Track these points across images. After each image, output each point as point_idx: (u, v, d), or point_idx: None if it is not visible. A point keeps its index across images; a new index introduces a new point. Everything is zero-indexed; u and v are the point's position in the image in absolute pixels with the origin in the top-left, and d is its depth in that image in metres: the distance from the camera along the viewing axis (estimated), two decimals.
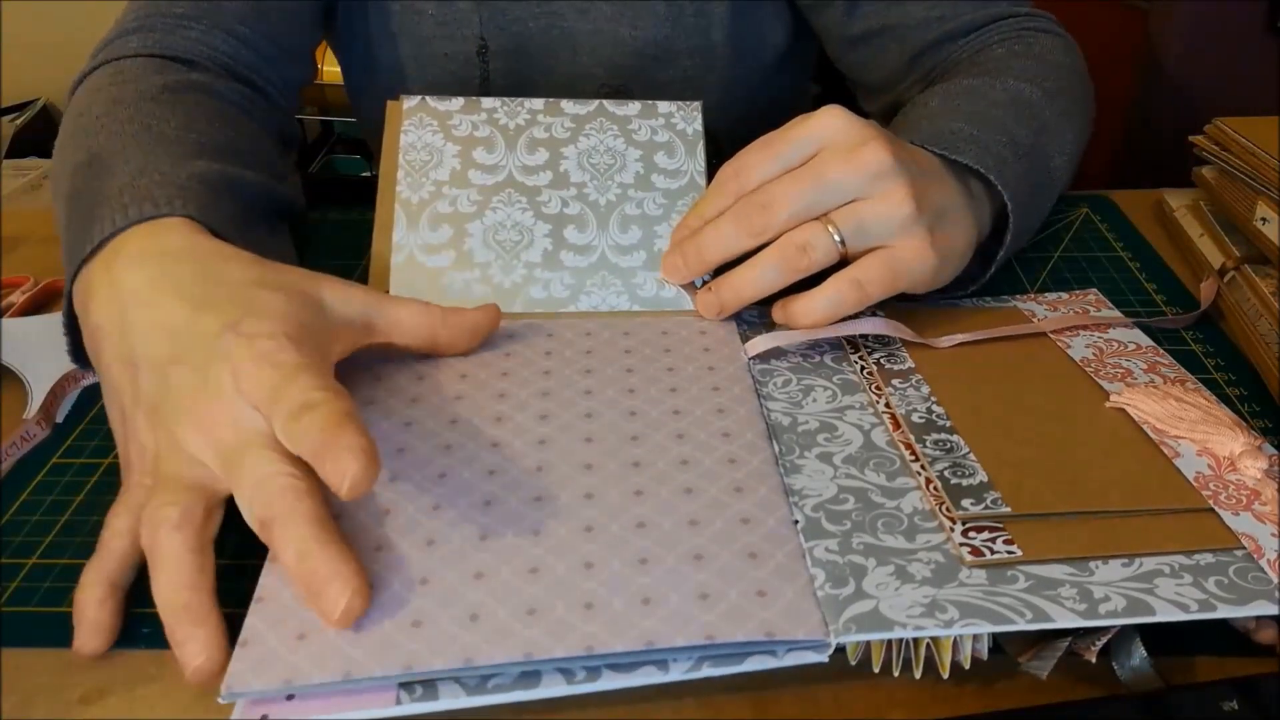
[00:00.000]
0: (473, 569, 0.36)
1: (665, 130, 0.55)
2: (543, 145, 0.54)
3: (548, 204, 0.52)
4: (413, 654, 0.32)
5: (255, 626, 0.34)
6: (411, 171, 0.52)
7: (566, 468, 0.40)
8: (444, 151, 0.53)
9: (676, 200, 0.52)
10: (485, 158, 0.53)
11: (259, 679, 0.32)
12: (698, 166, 0.54)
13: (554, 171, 0.53)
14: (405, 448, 0.41)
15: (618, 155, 0.54)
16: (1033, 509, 0.38)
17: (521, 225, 0.51)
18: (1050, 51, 0.62)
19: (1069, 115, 0.58)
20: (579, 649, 0.33)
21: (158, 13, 0.59)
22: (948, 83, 0.59)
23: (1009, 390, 0.45)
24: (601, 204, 0.52)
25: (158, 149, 0.47)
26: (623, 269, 0.51)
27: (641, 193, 0.53)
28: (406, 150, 0.53)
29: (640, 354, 0.47)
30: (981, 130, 0.52)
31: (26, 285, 0.57)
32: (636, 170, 0.53)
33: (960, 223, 0.48)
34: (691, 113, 0.55)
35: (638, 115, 0.55)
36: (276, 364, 0.36)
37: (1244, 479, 0.39)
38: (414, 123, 0.54)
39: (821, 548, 0.36)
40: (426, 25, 0.70)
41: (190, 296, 0.39)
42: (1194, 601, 0.34)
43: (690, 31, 0.71)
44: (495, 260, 0.50)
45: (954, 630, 0.33)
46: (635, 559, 0.36)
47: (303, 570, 0.33)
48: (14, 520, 0.42)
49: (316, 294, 0.41)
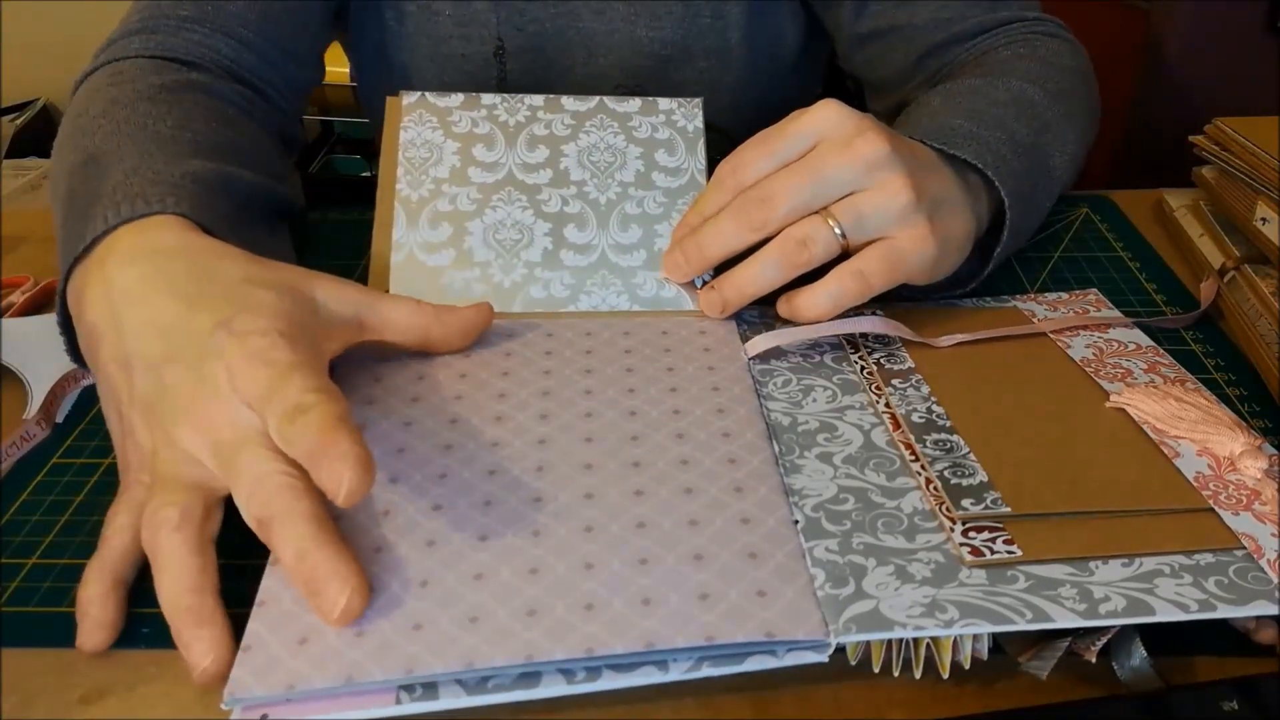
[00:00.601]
0: (472, 570, 0.35)
1: (666, 127, 0.54)
2: (543, 142, 0.53)
3: (548, 202, 0.52)
4: (413, 657, 0.32)
5: (257, 631, 0.34)
6: (411, 169, 0.52)
7: (566, 468, 0.40)
8: (444, 148, 0.53)
9: (677, 199, 0.52)
10: (485, 155, 0.53)
11: (261, 684, 0.32)
12: (698, 164, 0.54)
13: (554, 169, 0.53)
14: (405, 448, 0.41)
15: (618, 153, 0.53)
16: (1033, 509, 0.38)
17: (521, 224, 0.51)
18: (1056, 55, 0.62)
19: (1072, 117, 0.58)
20: (579, 650, 0.32)
21: (161, 14, 0.59)
22: (951, 82, 0.59)
23: (1009, 390, 0.45)
24: (602, 202, 0.52)
25: (152, 148, 0.47)
26: (623, 268, 0.51)
27: (642, 191, 0.52)
28: (406, 147, 0.53)
29: (640, 354, 0.47)
30: (981, 127, 0.52)
31: (26, 285, 0.57)
32: (637, 168, 0.53)
33: (958, 214, 0.48)
34: (692, 109, 0.55)
35: (638, 112, 0.55)
36: (270, 362, 0.36)
37: (1244, 479, 0.39)
38: (413, 119, 0.54)
39: (821, 547, 0.36)
40: (443, 25, 0.70)
41: (183, 294, 0.39)
42: (1194, 602, 0.34)
43: (706, 32, 0.71)
44: (495, 259, 0.50)
45: (954, 630, 0.33)
46: (635, 559, 0.36)
47: (302, 569, 0.33)
48: (14, 520, 0.42)
49: (310, 291, 0.41)
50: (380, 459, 0.40)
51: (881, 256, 0.45)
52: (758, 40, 0.73)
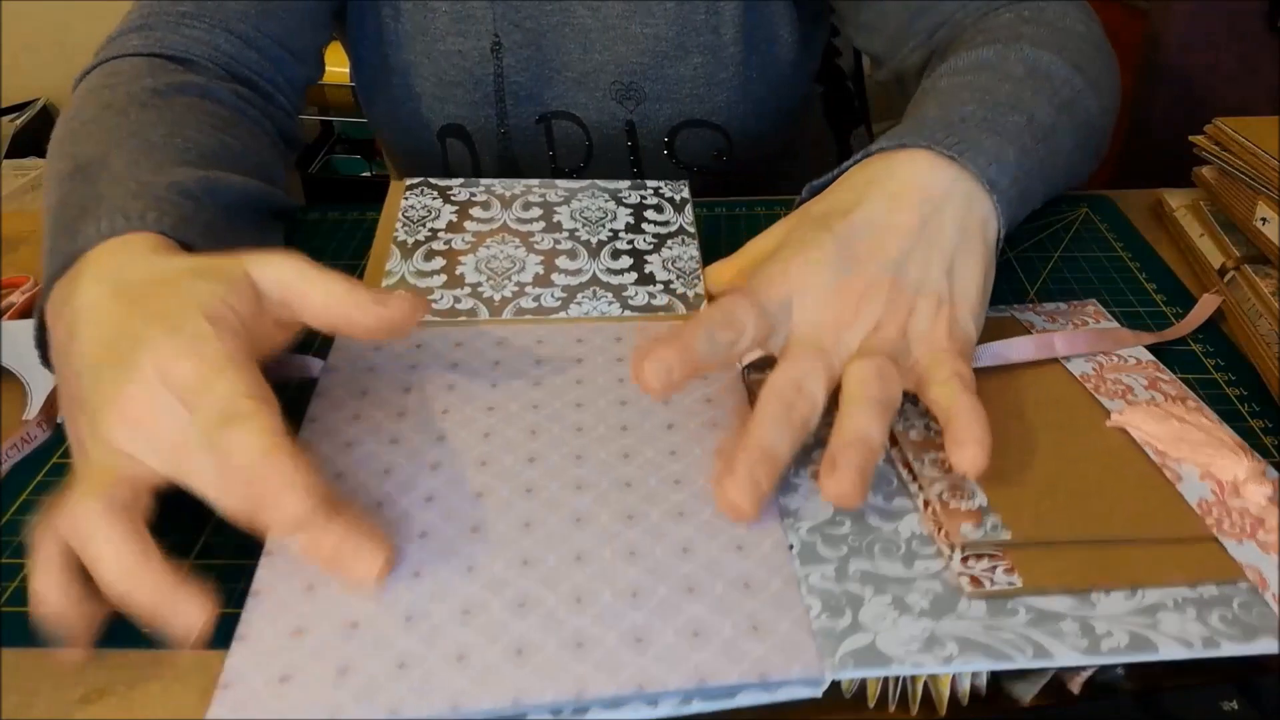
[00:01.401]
0: (460, 604, 0.35)
1: (654, 196, 0.58)
2: (537, 206, 0.57)
3: (540, 243, 0.54)
4: (399, 699, 0.32)
5: (237, 668, 0.33)
6: (409, 222, 0.55)
7: (556, 488, 0.39)
8: (442, 210, 0.56)
9: (667, 240, 0.54)
10: (481, 214, 0.56)
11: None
12: (686, 220, 0.56)
13: (547, 221, 0.55)
14: (391, 468, 0.40)
15: (608, 212, 0.57)
16: (1034, 535, 0.37)
17: (514, 257, 0.53)
18: (1062, 17, 0.59)
19: (1095, 90, 0.56)
20: (569, 693, 0.32)
21: (160, 11, 0.59)
22: (957, 57, 0.56)
23: (1008, 407, 0.44)
24: (593, 242, 0.54)
25: (140, 157, 0.47)
26: (614, 285, 0.51)
27: (632, 234, 0.55)
28: (405, 209, 0.56)
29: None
30: (995, 112, 0.49)
31: (26, 285, 0.57)
32: (627, 221, 0.56)
33: (972, 255, 0.45)
34: (679, 185, 0.59)
35: (628, 187, 0.59)
36: (201, 356, 0.35)
37: (1248, 505, 0.38)
38: (414, 193, 0.57)
39: (817, 574, 0.36)
40: (440, 22, 0.70)
41: (131, 299, 0.38)
42: (1198, 639, 0.33)
43: (701, 28, 0.71)
44: (486, 281, 0.51)
45: (953, 667, 0.32)
46: (627, 591, 0.35)
47: (321, 547, 0.34)
48: (14, 520, 0.42)
49: (253, 277, 0.39)
50: (365, 482, 0.40)
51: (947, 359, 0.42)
52: (753, 36, 0.73)
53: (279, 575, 0.36)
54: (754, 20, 0.72)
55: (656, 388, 0.38)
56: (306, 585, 0.35)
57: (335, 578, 0.35)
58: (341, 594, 0.35)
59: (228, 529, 0.36)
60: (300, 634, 0.34)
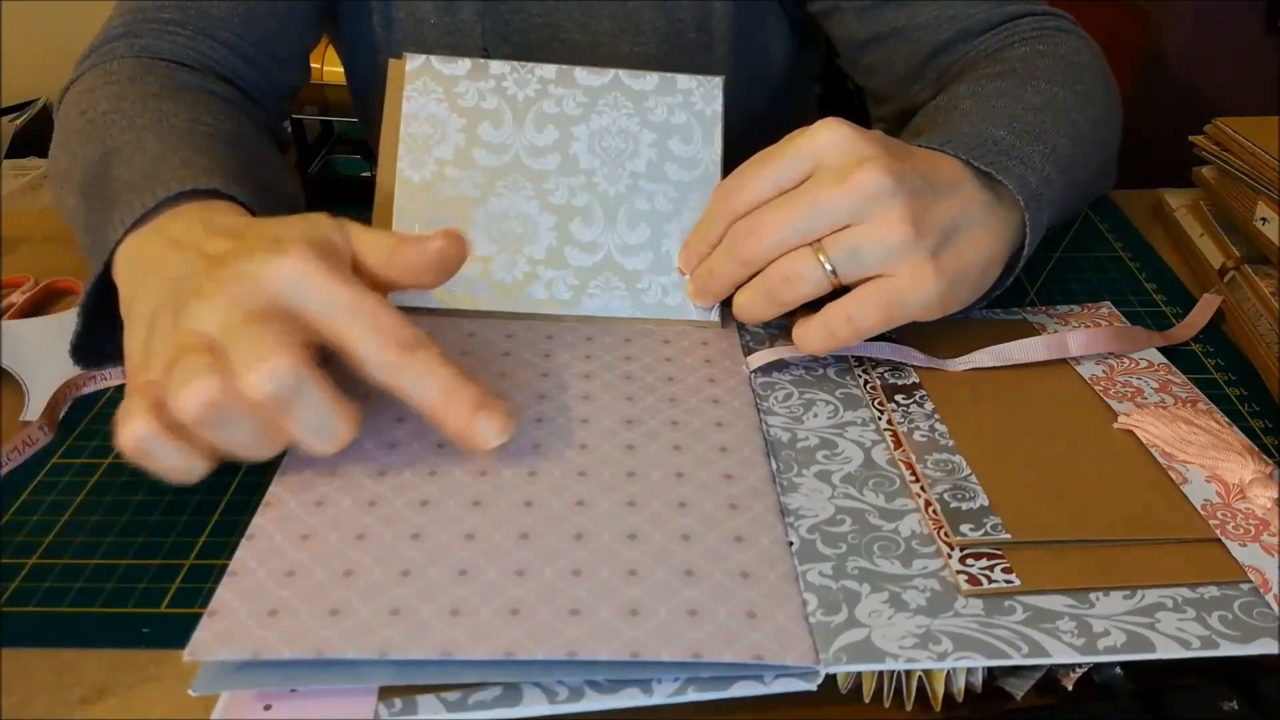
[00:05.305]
0: (457, 566, 0.35)
1: (683, 110, 0.52)
2: (552, 122, 0.51)
3: (554, 192, 0.50)
4: (389, 640, 0.32)
5: (226, 599, 0.33)
6: (413, 147, 0.51)
7: (559, 473, 0.40)
8: (448, 125, 0.51)
9: (690, 193, 0.51)
10: (491, 135, 0.51)
11: (224, 648, 0.32)
12: (714, 155, 0.51)
13: (562, 154, 0.51)
14: (397, 443, 0.41)
15: (630, 138, 0.51)
16: (1033, 535, 0.37)
17: (526, 215, 0.50)
18: (1075, 53, 0.59)
19: (1103, 121, 0.57)
20: (562, 652, 0.32)
21: (143, 18, 0.59)
22: (976, 81, 0.56)
23: (1015, 408, 0.44)
24: (611, 195, 0.51)
25: (173, 138, 0.48)
26: (628, 271, 0.50)
27: (653, 184, 0.51)
28: (408, 121, 0.51)
29: (641, 362, 0.47)
30: (1023, 140, 0.49)
31: (26, 285, 0.57)
32: (650, 157, 0.51)
33: (979, 239, 0.45)
34: (712, 89, 0.52)
35: (654, 91, 0.52)
36: (334, 272, 0.37)
37: (1253, 508, 0.38)
38: (417, 88, 0.51)
39: (815, 571, 0.36)
40: (430, 34, 0.70)
41: (233, 233, 0.40)
42: (1196, 638, 0.33)
43: (690, 47, 0.70)
44: (498, 254, 0.50)
45: (947, 664, 0.32)
46: (624, 570, 0.36)
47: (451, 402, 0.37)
48: (14, 520, 0.42)
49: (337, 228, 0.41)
50: (371, 452, 0.40)
51: (875, 298, 0.43)
52: (744, 55, 0.72)
53: (273, 522, 0.37)
54: (745, 38, 0.71)
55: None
56: (301, 535, 0.36)
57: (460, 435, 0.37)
58: (338, 544, 0.36)
59: (228, 529, 0.37)
60: (293, 574, 0.35)
